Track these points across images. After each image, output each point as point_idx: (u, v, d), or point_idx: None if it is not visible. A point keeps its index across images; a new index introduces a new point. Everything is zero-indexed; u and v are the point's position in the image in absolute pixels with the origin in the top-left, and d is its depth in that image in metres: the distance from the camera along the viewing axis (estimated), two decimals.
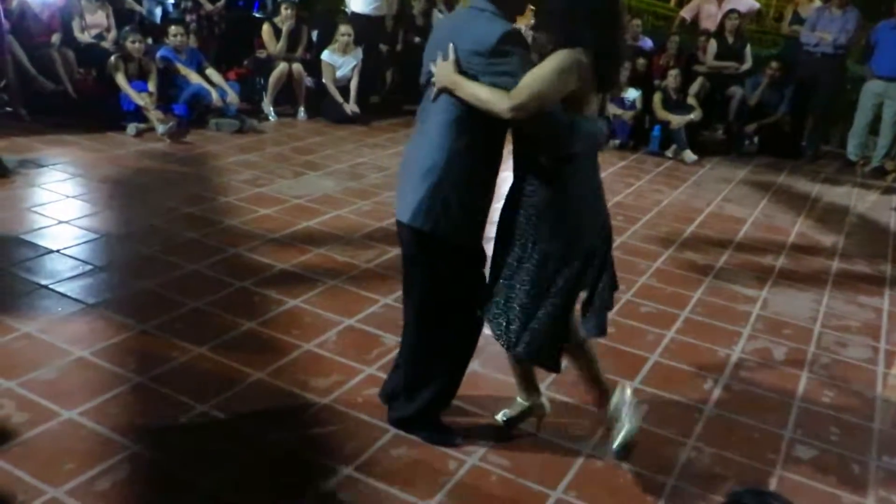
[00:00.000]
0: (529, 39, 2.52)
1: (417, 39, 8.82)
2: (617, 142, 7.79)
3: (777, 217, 6.09)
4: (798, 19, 8.47)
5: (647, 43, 9.10)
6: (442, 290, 2.62)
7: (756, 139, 8.22)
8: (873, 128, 7.86)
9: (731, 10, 8.51)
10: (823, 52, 7.78)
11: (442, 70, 2.42)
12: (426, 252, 2.59)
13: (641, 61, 8.11)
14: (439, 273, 2.60)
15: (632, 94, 7.91)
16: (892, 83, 7.50)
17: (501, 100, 2.29)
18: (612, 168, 7.05)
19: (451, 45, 2.39)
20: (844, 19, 7.72)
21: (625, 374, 3.42)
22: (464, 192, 2.49)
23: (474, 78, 2.36)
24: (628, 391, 2.82)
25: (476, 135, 2.45)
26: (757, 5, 9.45)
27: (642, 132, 7.89)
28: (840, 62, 7.93)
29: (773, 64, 8.05)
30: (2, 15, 6.16)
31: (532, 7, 2.56)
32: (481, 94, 2.33)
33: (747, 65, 8.43)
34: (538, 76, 2.29)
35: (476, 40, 2.35)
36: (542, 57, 2.38)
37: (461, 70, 2.38)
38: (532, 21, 6.31)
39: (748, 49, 8.50)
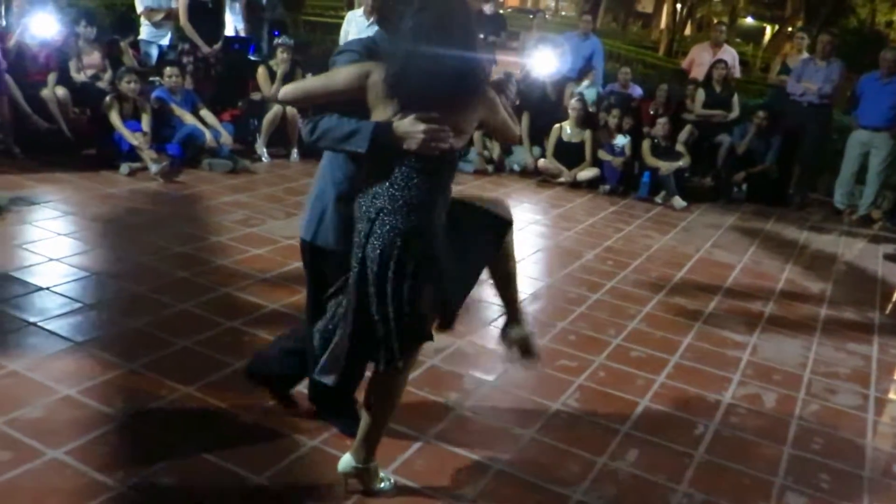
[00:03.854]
0: None
1: None
2: (607, 187, 7.87)
3: (765, 264, 6.14)
4: (786, 69, 8.68)
5: (637, 91, 9.27)
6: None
7: (744, 187, 8.32)
8: (859, 177, 7.98)
9: (719, 60, 8.70)
10: (809, 101, 7.95)
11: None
12: (308, 261, 2.82)
13: (628, 119, 8.22)
14: (319, 280, 2.77)
15: (621, 140, 8.03)
16: (877, 133, 7.65)
17: (285, 90, 2.49)
18: (602, 213, 7.11)
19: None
20: (829, 70, 7.90)
21: (615, 419, 3.41)
22: (336, 201, 2.66)
23: None
24: None
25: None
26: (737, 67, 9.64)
27: (632, 178, 7.98)
28: (826, 112, 8.10)
29: (760, 113, 8.20)
30: (0, 54, 6.22)
31: None
32: (297, 83, 2.58)
33: (735, 113, 8.58)
34: (321, 76, 2.49)
35: None
36: None
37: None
38: None
39: (735, 98, 8.68)
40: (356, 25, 8.21)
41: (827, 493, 3.09)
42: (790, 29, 22.22)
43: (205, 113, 7.13)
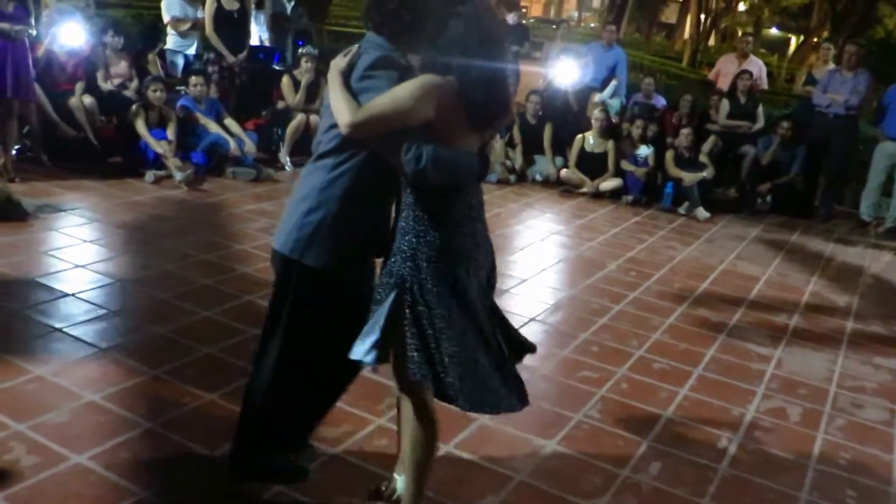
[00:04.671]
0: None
1: None
2: (630, 198, 7.84)
3: (790, 276, 6.07)
4: (812, 80, 8.60)
5: (661, 101, 9.23)
6: (308, 328, 2.47)
7: (769, 198, 8.24)
8: (886, 189, 7.88)
9: (744, 71, 8.64)
10: (835, 113, 7.85)
11: (334, 64, 2.35)
12: (290, 281, 2.46)
13: (653, 122, 8.23)
14: (307, 307, 2.45)
15: (644, 151, 7.99)
16: None
17: (346, 113, 2.20)
18: (624, 224, 7.07)
19: (357, 46, 2.37)
20: (856, 81, 7.81)
21: (638, 431, 3.38)
22: (335, 222, 2.39)
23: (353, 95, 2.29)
24: None
25: (356, 163, 2.37)
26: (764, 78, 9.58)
27: (655, 189, 7.94)
28: (852, 123, 8.00)
29: (784, 124, 8.13)
30: (30, 62, 6.32)
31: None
32: (338, 102, 2.25)
33: (759, 124, 8.52)
34: (385, 97, 2.21)
35: (356, 70, 2.33)
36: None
37: (347, 79, 2.30)
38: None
39: (760, 109, 8.61)
40: None
41: None
42: (816, 39, 22.04)
43: (229, 122, 7.20)
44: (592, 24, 35.42)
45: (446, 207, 2.30)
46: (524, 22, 12.56)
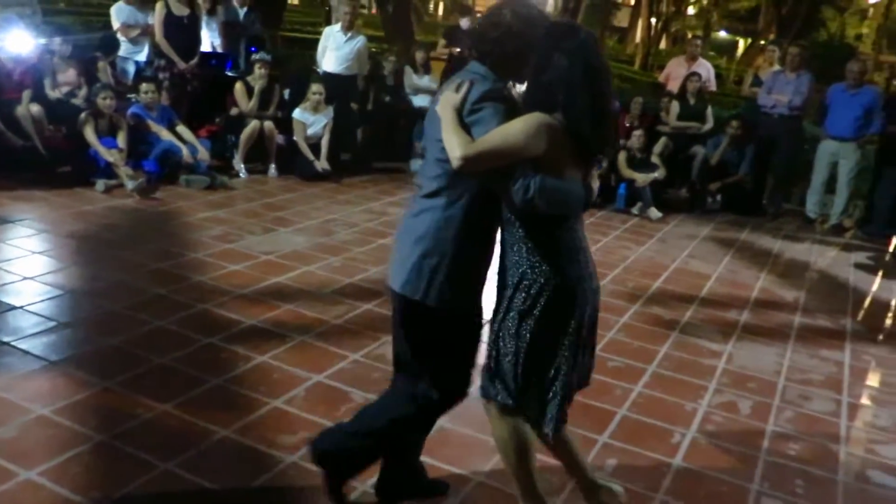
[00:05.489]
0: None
1: (388, 98, 8.99)
2: None
3: (740, 273, 6.21)
4: (758, 82, 8.80)
5: (614, 105, 9.35)
6: (429, 359, 2.54)
7: (719, 197, 8.42)
8: (830, 186, 8.10)
9: (693, 73, 8.82)
10: (780, 113, 8.06)
11: (445, 98, 2.37)
12: (414, 320, 2.51)
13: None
14: (427, 342, 2.52)
15: None
16: (844, 143, 7.77)
17: (458, 147, 2.24)
18: None
19: (468, 82, 2.36)
20: (798, 82, 8.02)
21: (593, 428, 3.43)
22: (453, 261, 2.42)
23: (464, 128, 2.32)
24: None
25: (469, 200, 2.40)
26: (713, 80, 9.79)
27: (608, 190, 8.05)
28: (797, 123, 8.21)
29: (734, 123, 8.32)
30: None
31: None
32: (451, 136, 2.28)
33: (709, 125, 8.70)
34: (497, 133, 2.25)
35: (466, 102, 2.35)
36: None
37: (461, 114, 2.32)
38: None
39: (709, 110, 8.79)
40: (334, 41, 8.27)
41: (802, 499, 3.12)
42: (762, 42, 22.55)
43: (181, 129, 7.12)
44: None
45: (556, 237, 2.38)
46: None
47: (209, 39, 8.39)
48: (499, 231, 2.48)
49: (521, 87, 2.50)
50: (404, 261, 2.46)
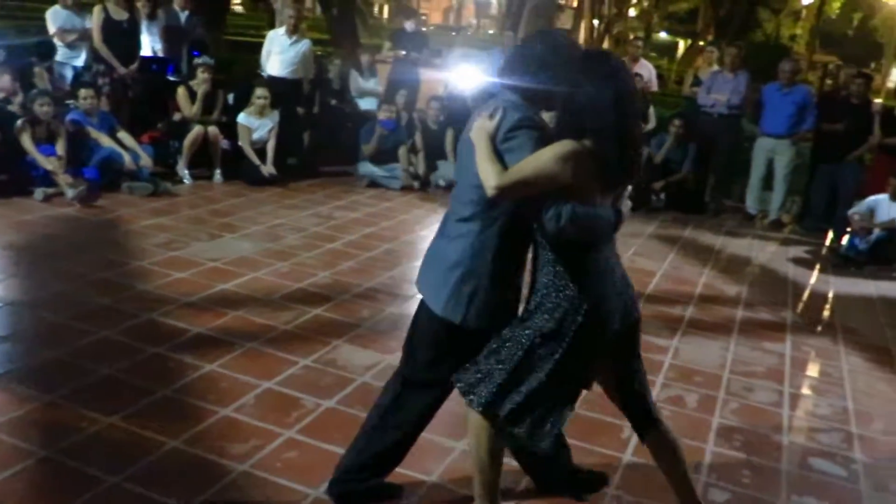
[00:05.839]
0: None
1: (334, 102, 8.94)
2: None
3: (685, 269, 6.35)
4: (698, 81, 9.02)
5: None
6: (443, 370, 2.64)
7: (663, 195, 8.58)
8: (769, 183, 8.34)
9: (635, 74, 8.96)
10: (720, 112, 8.27)
11: (478, 127, 2.44)
12: (453, 341, 2.60)
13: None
14: (457, 360, 2.61)
15: None
16: (779, 140, 8.01)
17: (493, 176, 2.32)
18: None
19: (502, 109, 2.44)
20: (736, 82, 8.24)
21: None
22: (490, 284, 2.52)
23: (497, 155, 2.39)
24: None
25: (503, 224, 2.48)
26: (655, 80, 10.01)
27: None
28: (735, 122, 8.44)
29: (676, 121, 8.49)
30: None
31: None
32: (485, 164, 2.36)
33: (651, 125, 8.86)
34: (529, 162, 2.32)
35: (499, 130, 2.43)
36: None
37: (495, 141, 2.40)
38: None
39: (651, 110, 8.97)
40: (279, 44, 8.20)
41: (748, 488, 3.21)
42: (702, 43, 23.05)
43: (123, 135, 6.97)
44: (491, 31, 35.99)
45: (585, 261, 2.44)
46: (423, 29, 12.64)
47: (150, 44, 8.24)
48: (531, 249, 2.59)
49: (548, 115, 2.60)
50: (442, 286, 2.55)
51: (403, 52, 9.61)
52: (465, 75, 9.23)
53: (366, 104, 9.13)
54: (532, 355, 2.46)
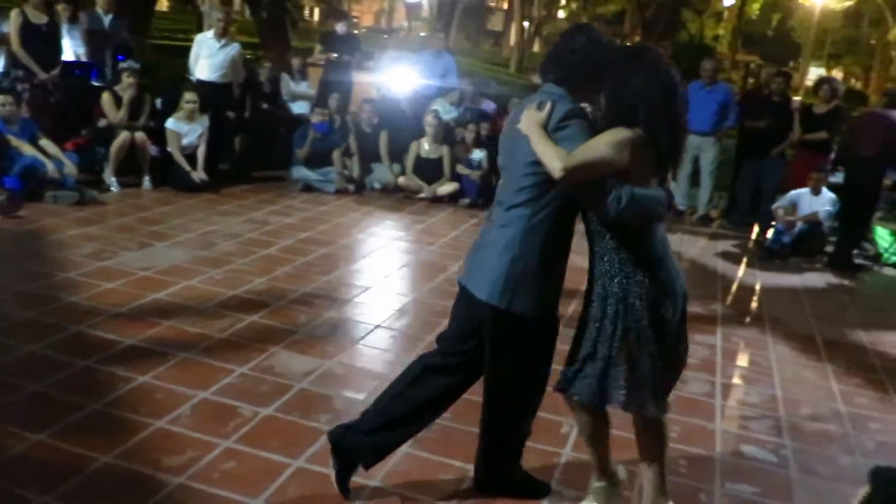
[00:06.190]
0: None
1: (266, 106, 8.82)
2: (467, 200, 8.06)
3: None
4: None
5: (490, 106, 9.55)
6: (513, 363, 2.76)
7: None
8: (696, 179, 8.57)
9: None
10: None
11: (529, 116, 2.55)
12: (500, 327, 2.69)
13: (485, 124, 8.52)
14: (511, 347, 2.72)
15: (478, 154, 8.25)
16: (704, 137, 8.25)
17: (557, 159, 2.42)
18: (463, 226, 7.26)
19: (550, 101, 2.55)
20: None
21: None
22: (538, 268, 2.63)
23: None
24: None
25: (552, 210, 2.60)
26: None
27: (491, 191, 8.19)
28: None
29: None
30: None
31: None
32: (545, 149, 2.46)
33: None
34: (591, 146, 2.44)
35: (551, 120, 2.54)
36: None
37: (546, 131, 2.51)
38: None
39: None
40: (207, 48, 8.04)
41: (685, 477, 3.29)
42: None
43: (45, 143, 6.74)
44: (423, 33, 36.06)
45: (647, 245, 2.57)
46: (354, 31, 12.59)
47: (72, 48, 7.98)
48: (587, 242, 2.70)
49: (588, 107, 2.73)
50: (491, 270, 2.64)
51: (335, 55, 9.55)
52: (398, 78, 9.22)
53: (298, 108, 9.05)
54: (624, 346, 2.59)
